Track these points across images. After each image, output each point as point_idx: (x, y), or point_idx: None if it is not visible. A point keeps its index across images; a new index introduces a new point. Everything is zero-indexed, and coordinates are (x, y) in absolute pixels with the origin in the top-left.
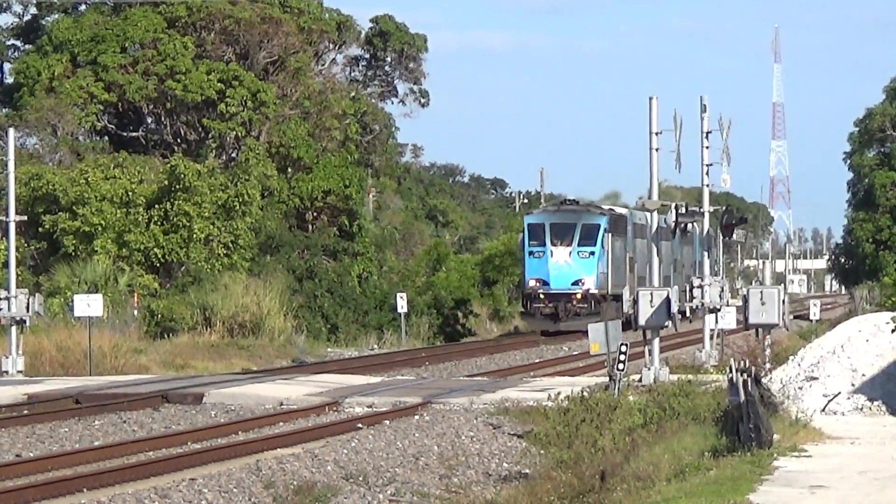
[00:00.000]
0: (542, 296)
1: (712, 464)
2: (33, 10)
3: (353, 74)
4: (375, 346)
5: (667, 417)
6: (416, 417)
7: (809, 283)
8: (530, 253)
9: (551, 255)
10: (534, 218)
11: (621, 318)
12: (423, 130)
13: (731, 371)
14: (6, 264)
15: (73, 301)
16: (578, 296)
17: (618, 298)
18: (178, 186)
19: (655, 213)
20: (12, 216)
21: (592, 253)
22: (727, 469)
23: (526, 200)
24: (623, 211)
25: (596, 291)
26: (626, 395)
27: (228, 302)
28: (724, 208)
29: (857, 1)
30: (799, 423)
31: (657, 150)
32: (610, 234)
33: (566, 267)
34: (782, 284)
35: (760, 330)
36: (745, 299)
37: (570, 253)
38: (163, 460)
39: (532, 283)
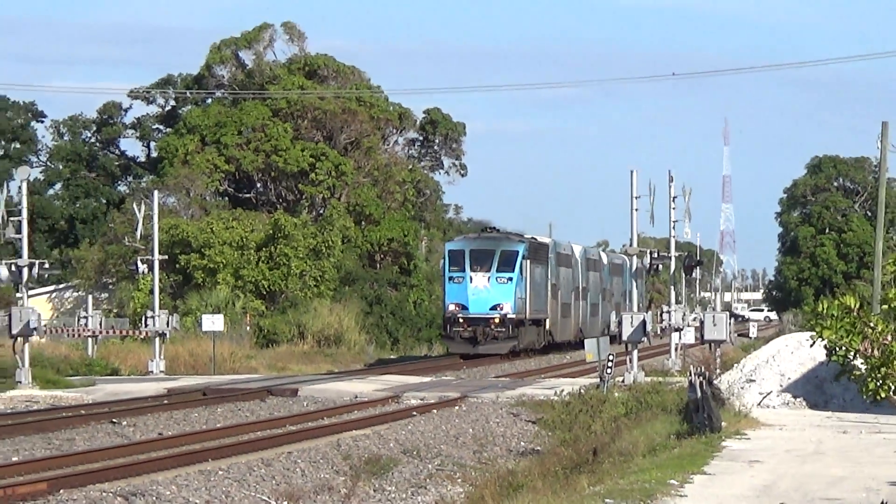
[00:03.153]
0: (461, 320)
1: (676, 444)
2: (172, 103)
3: (410, 152)
4: (427, 354)
5: (643, 409)
6: (456, 408)
7: (750, 312)
8: (450, 278)
9: (471, 281)
10: (454, 245)
11: (541, 343)
12: (462, 194)
13: (690, 374)
14: (152, 291)
15: (201, 319)
16: (497, 320)
17: (537, 323)
18: (279, 235)
19: (635, 258)
20: (156, 256)
21: (510, 279)
22: (687, 448)
23: None
24: (545, 240)
25: (514, 316)
26: (612, 392)
27: (317, 321)
28: (686, 254)
29: (788, 94)
30: (741, 414)
31: (636, 209)
32: (529, 261)
33: (485, 292)
34: (729, 312)
35: (713, 344)
36: (702, 321)
37: (489, 279)
38: (267, 438)
39: (452, 307)
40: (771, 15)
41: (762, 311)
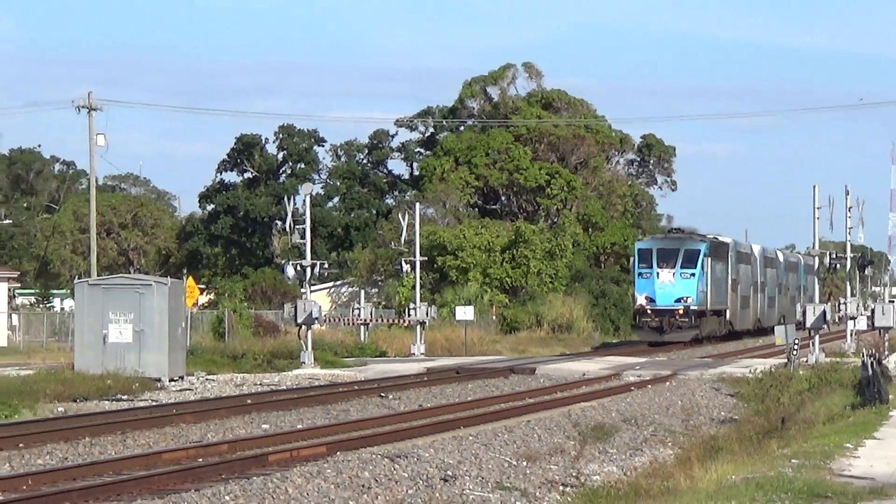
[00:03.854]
0: (649, 311)
1: (851, 414)
2: (431, 130)
3: (629, 170)
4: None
5: (823, 385)
6: (667, 383)
7: None
8: (639, 274)
9: (657, 277)
10: (643, 244)
11: (722, 331)
12: (673, 205)
13: (863, 356)
14: (414, 287)
15: (455, 310)
16: (681, 311)
17: (718, 314)
18: (520, 240)
19: (816, 258)
20: (417, 257)
21: (693, 274)
22: (860, 417)
23: None
24: (726, 240)
25: (696, 307)
26: (797, 371)
27: (551, 311)
28: (859, 255)
29: None
30: None
31: (818, 218)
32: (710, 259)
33: (670, 286)
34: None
35: (882, 330)
36: (873, 311)
37: (674, 274)
38: (510, 409)
39: (641, 300)
40: None
41: None
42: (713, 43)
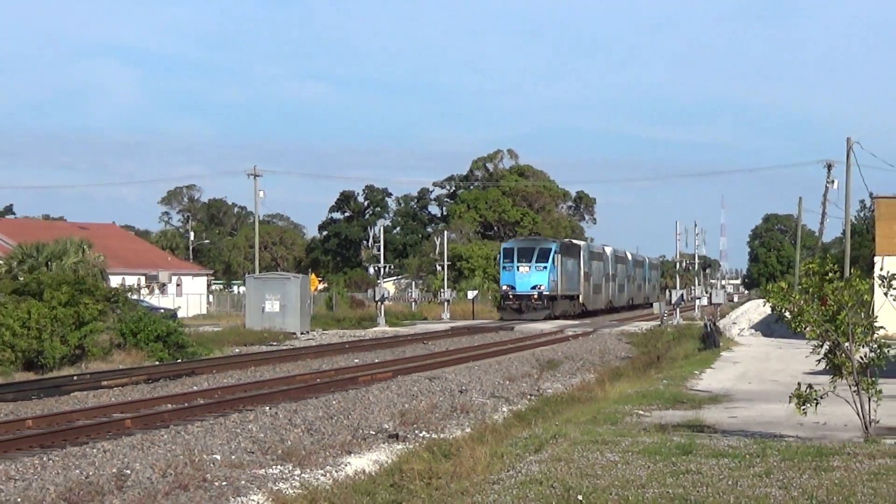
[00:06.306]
0: (511, 296)
1: (698, 354)
2: (454, 188)
3: (569, 212)
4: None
5: (681, 337)
6: (591, 336)
7: (734, 290)
8: (504, 267)
9: (517, 269)
10: (507, 244)
11: (576, 311)
12: (595, 232)
13: (705, 319)
14: (443, 279)
15: (467, 293)
16: (535, 296)
17: (571, 298)
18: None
19: (678, 263)
20: (446, 262)
21: (545, 267)
22: (703, 356)
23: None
24: (579, 242)
25: (548, 293)
26: (667, 328)
27: None
28: (703, 261)
29: (756, 186)
30: (729, 339)
31: (678, 240)
32: (561, 255)
33: (527, 276)
34: (723, 289)
35: (716, 305)
36: (710, 294)
37: (530, 267)
38: (499, 350)
39: (505, 287)
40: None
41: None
42: (618, 136)
